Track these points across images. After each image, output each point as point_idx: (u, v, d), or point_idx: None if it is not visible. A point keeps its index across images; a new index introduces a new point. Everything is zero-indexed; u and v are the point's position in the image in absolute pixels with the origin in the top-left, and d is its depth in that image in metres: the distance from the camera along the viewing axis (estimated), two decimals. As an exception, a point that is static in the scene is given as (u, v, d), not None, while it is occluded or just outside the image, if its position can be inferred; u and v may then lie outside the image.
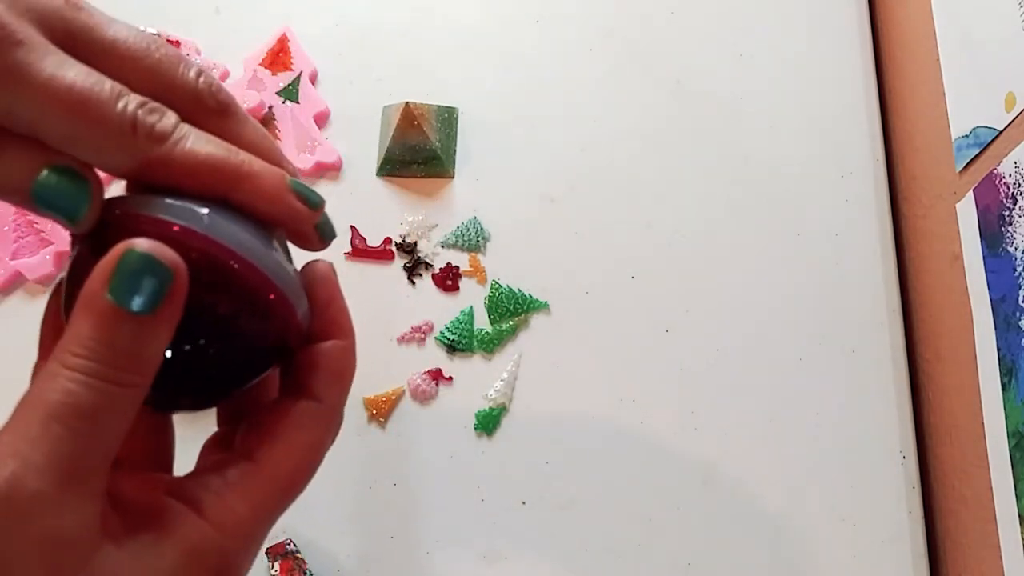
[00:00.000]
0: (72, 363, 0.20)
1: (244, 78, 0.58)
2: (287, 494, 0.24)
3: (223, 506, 0.23)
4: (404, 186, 0.57)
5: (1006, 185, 0.44)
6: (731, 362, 0.53)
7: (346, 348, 0.26)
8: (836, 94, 0.60)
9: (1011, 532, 0.43)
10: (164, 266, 0.21)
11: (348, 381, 0.26)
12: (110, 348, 0.20)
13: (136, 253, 0.21)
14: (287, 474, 0.24)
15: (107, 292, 0.21)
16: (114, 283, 0.21)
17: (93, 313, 0.21)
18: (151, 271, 0.21)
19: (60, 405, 0.20)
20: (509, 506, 0.51)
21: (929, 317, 0.54)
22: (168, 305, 0.21)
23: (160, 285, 0.21)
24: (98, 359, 0.20)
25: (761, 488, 0.51)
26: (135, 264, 0.21)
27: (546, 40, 0.61)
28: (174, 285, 0.21)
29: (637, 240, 0.56)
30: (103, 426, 0.20)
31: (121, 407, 0.21)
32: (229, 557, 0.23)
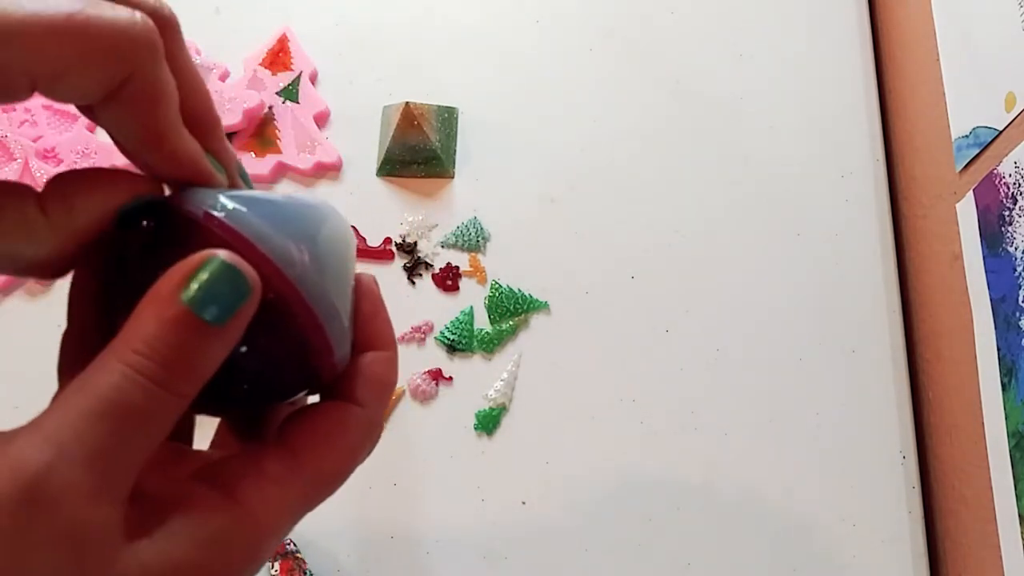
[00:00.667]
0: (132, 360, 0.20)
1: (244, 78, 0.58)
2: (322, 494, 0.24)
3: (259, 497, 0.22)
4: (404, 186, 0.57)
5: (1006, 185, 0.44)
6: (731, 362, 0.53)
7: (390, 359, 0.27)
8: (836, 94, 0.60)
9: (1011, 532, 0.43)
10: (245, 282, 0.21)
11: (390, 392, 0.26)
12: (173, 352, 0.20)
13: (221, 263, 0.21)
14: (327, 474, 0.24)
15: (182, 295, 0.20)
16: (193, 290, 0.20)
17: (163, 313, 0.20)
18: (232, 284, 0.21)
19: (110, 400, 0.19)
20: (509, 506, 0.51)
21: (929, 317, 0.54)
22: (237, 321, 0.21)
23: (236, 300, 0.21)
24: (160, 362, 0.20)
25: (761, 488, 0.51)
26: (218, 275, 0.20)
27: (546, 40, 0.61)
28: (248, 302, 0.21)
29: (637, 240, 0.56)
30: (147, 430, 0.20)
31: (167, 415, 0.20)
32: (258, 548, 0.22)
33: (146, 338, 0.20)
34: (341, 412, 0.25)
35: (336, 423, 0.24)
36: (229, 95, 0.57)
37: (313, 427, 0.24)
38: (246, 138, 0.57)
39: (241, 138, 0.57)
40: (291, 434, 0.24)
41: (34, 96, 0.20)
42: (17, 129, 0.57)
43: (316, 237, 0.24)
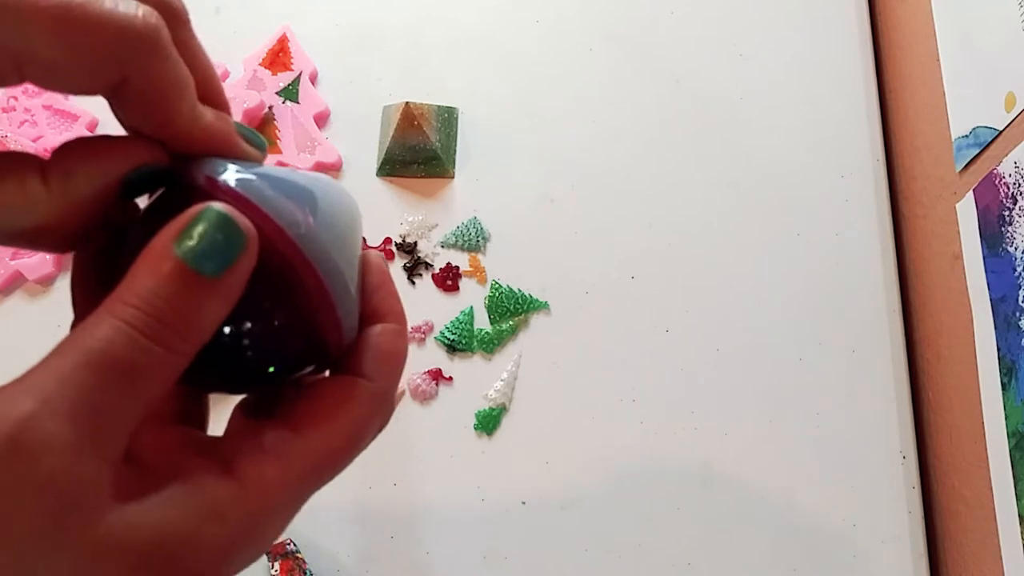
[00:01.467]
0: (122, 312, 0.19)
1: (244, 78, 0.58)
2: (326, 469, 0.23)
3: (255, 470, 0.21)
4: (404, 186, 0.57)
5: (1006, 185, 0.44)
6: (731, 362, 0.53)
7: (397, 331, 0.26)
8: (836, 94, 0.60)
9: (1011, 532, 0.43)
10: (241, 233, 0.20)
11: (399, 364, 0.25)
12: (168, 305, 0.19)
13: (215, 212, 0.20)
14: (329, 448, 0.23)
15: (176, 248, 0.20)
16: (186, 241, 0.20)
17: (157, 267, 0.20)
18: (227, 235, 0.20)
19: (99, 353, 0.19)
20: (509, 506, 0.51)
21: (929, 317, 0.54)
22: (234, 274, 0.20)
23: (232, 251, 0.20)
24: (152, 313, 0.19)
25: (761, 488, 0.51)
26: (212, 226, 0.20)
27: (546, 40, 0.61)
28: (244, 254, 0.20)
29: (637, 240, 0.56)
30: (138, 386, 0.19)
31: (161, 371, 0.20)
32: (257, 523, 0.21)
33: (139, 292, 0.19)
34: (345, 386, 0.24)
35: (340, 397, 0.24)
36: (229, 95, 0.56)
37: (316, 401, 0.23)
38: (246, 138, 0.57)
39: (241, 138, 0.57)
40: (294, 410, 0.23)
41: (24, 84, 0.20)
42: (17, 129, 0.57)
43: (320, 204, 0.24)
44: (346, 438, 0.23)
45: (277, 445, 0.22)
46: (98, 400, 0.19)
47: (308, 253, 0.22)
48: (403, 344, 0.26)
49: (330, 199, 0.25)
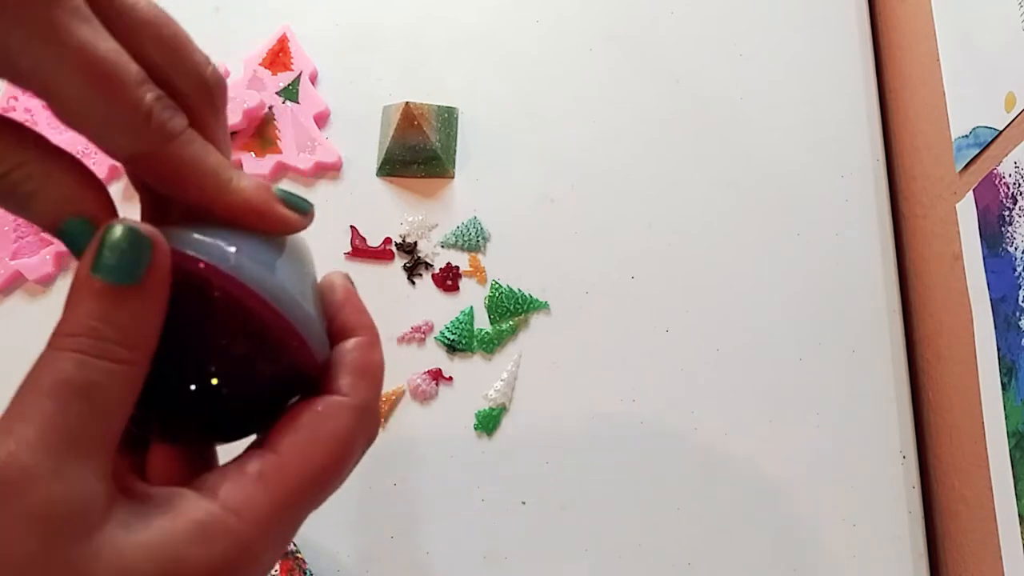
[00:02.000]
0: (64, 343, 0.21)
1: (244, 78, 0.58)
2: (313, 488, 0.23)
3: (241, 496, 0.22)
4: (404, 186, 0.57)
5: (1006, 185, 0.44)
6: (731, 362, 0.53)
7: (368, 343, 0.26)
8: (836, 94, 0.60)
9: (1011, 532, 0.43)
10: (144, 237, 0.21)
11: (374, 375, 0.26)
12: (102, 323, 0.21)
13: (115, 228, 0.21)
14: (312, 467, 0.23)
15: (93, 272, 0.21)
16: (98, 260, 0.21)
17: (81, 293, 0.21)
18: (132, 244, 0.21)
19: (52, 382, 0.20)
20: (509, 506, 0.51)
21: (929, 317, 0.54)
22: (152, 275, 0.21)
23: (142, 255, 0.21)
24: (88, 334, 0.21)
25: (761, 488, 0.51)
26: (117, 239, 0.21)
27: (546, 40, 0.61)
28: (155, 255, 0.21)
29: (637, 240, 0.56)
30: (98, 401, 0.20)
31: (117, 383, 0.21)
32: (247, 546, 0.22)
33: (74, 320, 0.21)
34: (322, 404, 0.24)
35: (317, 416, 0.24)
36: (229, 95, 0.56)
37: (294, 422, 0.24)
38: (246, 138, 0.57)
39: (241, 138, 0.57)
40: (274, 435, 0.24)
41: None
42: (17, 129, 0.57)
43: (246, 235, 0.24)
44: (329, 455, 0.24)
45: (260, 470, 0.23)
46: (64, 424, 0.20)
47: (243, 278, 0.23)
48: (375, 355, 0.26)
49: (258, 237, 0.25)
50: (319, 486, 0.24)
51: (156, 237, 0.22)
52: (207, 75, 0.24)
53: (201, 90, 0.24)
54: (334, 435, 0.24)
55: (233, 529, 0.21)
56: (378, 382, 0.26)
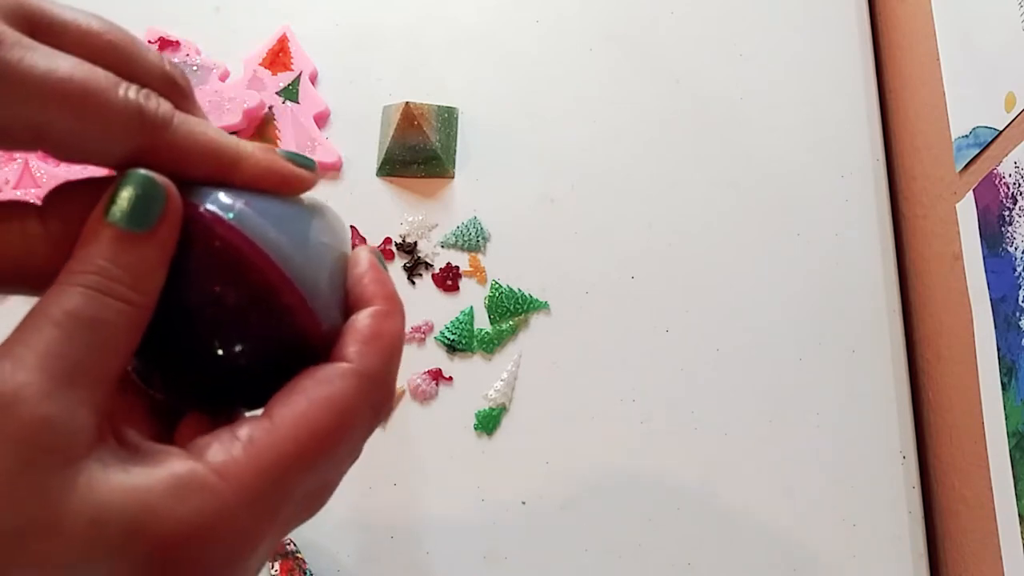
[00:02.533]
0: (72, 279, 0.21)
1: (244, 78, 0.58)
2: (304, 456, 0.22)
3: (225, 455, 0.21)
4: (404, 186, 0.57)
5: (1006, 185, 0.44)
6: (731, 362, 0.53)
7: (383, 312, 0.25)
8: (836, 94, 0.60)
9: (1011, 532, 0.43)
10: (158, 185, 0.22)
11: (386, 344, 0.25)
12: (113, 264, 0.21)
13: (132, 174, 0.22)
14: (303, 433, 0.22)
15: (107, 216, 0.21)
16: (113, 207, 0.22)
17: (94, 236, 0.21)
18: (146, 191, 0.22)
19: (57, 310, 0.20)
20: (509, 506, 0.51)
21: (929, 317, 0.54)
22: (164, 224, 0.22)
23: (155, 204, 0.22)
24: (98, 272, 0.21)
25: (761, 488, 0.51)
26: (132, 185, 0.22)
27: (546, 40, 0.61)
28: (168, 205, 0.22)
29: (637, 240, 0.56)
30: (100, 335, 0.21)
31: (122, 322, 0.21)
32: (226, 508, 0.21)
33: (86, 259, 0.21)
34: (322, 370, 0.24)
35: (314, 381, 0.23)
36: (229, 95, 0.57)
37: (290, 389, 0.23)
38: (246, 138, 0.57)
39: (241, 138, 0.57)
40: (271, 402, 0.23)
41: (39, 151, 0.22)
42: (17, 129, 0.57)
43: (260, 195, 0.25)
44: (326, 422, 0.23)
45: (249, 433, 0.22)
46: (65, 350, 0.20)
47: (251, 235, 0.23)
48: (391, 324, 0.25)
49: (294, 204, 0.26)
50: (312, 454, 0.22)
51: (170, 187, 0.22)
52: (167, 69, 0.24)
53: (168, 83, 0.24)
54: (330, 401, 0.23)
55: (212, 488, 0.21)
56: (390, 351, 0.25)
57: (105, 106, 0.21)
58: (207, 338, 0.23)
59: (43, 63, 0.20)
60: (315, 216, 0.26)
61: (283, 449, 0.22)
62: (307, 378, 0.23)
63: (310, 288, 0.24)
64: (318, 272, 0.25)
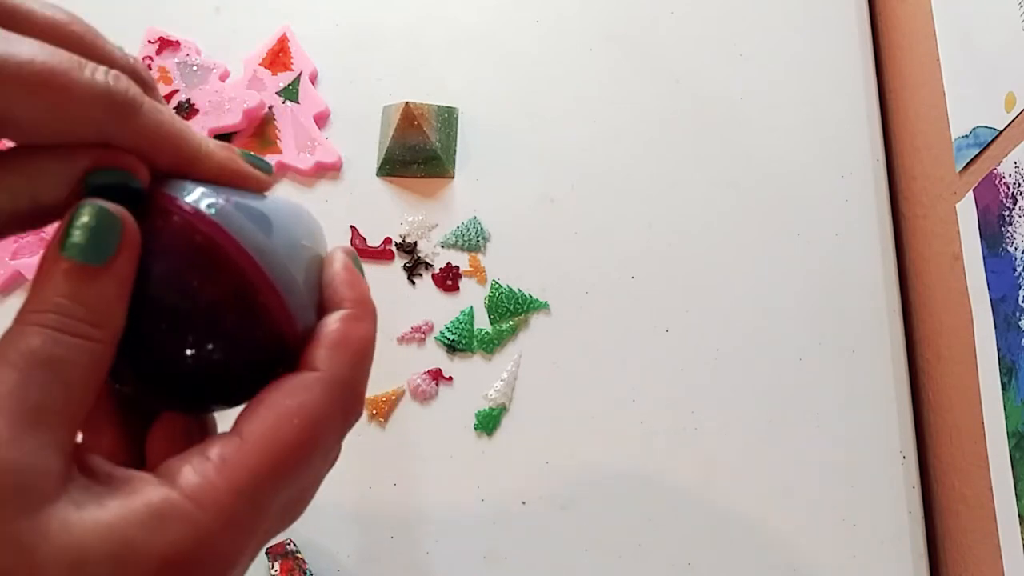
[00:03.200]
0: (32, 318, 0.20)
1: (244, 78, 0.58)
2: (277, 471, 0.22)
3: (199, 479, 0.21)
4: (404, 186, 0.57)
5: (1006, 185, 0.44)
6: (731, 362, 0.53)
7: (352, 316, 0.25)
8: (836, 94, 0.60)
9: (1011, 532, 0.43)
10: (112, 215, 0.21)
11: (354, 348, 0.24)
12: (70, 301, 0.21)
13: (86, 207, 0.21)
14: (275, 448, 0.22)
15: (62, 251, 0.21)
16: (66, 239, 0.21)
17: (49, 272, 0.21)
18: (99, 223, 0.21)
19: (15, 353, 0.20)
20: (509, 506, 0.51)
21: (929, 317, 0.54)
22: (121, 255, 0.21)
23: (108, 234, 0.21)
24: (55, 310, 0.20)
25: (761, 488, 0.51)
26: (83, 218, 0.21)
27: (546, 40, 0.61)
28: (125, 235, 0.21)
29: (637, 240, 0.56)
30: (61, 375, 0.20)
31: (81, 359, 0.21)
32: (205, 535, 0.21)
33: (42, 297, 0.21)
34: (289, 381, 0.23)
35: (282, 392, 0.23)
36: (229, 95, 0.57)
37: (258, 403, 0.23)
38: (246, 138, 0.57)
39: (241, 138, 0.57)
40: (240, 417, 0.23)
41: None
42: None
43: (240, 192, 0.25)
44: (296, 434, 0.22)
45: (220, 452, 0.22)
46: (24, 395, 0.19)
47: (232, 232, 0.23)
48: (360, 329, 0.25)
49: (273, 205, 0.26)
50: (285, 468, 0.22)
51: (125, 217, 0.21)
52: (131, 61, 0.24)
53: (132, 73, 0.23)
54: (300, 413, 0.22)
55: (190, 516, 0.20)
56: (359, 356, 0.24)
57: (69, 86, 0.20)
58: (182, 334, 0.23)
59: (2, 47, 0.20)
60: (293, 217, 0.26)
61: (256, 467, 0.21)
62: (275, 390, 0.23)
63: (288, 288, 0.24)
64: (296, 272, 0.25)
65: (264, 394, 0.23)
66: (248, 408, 0.23)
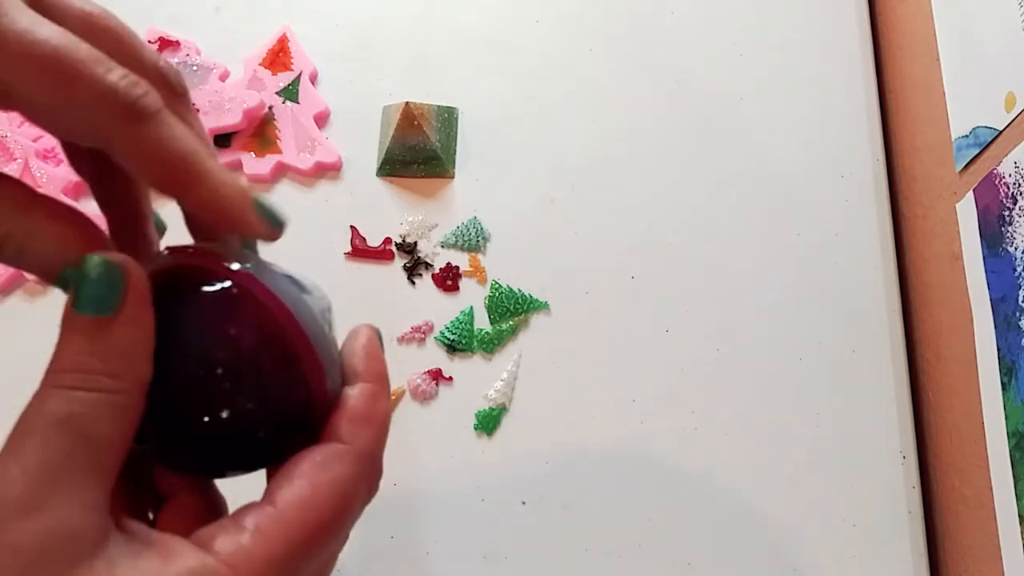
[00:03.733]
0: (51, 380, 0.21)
1: (244, 78, 0.58)
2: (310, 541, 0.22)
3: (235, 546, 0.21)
4: (404, 186, 0.57)
5: (1006, 185, 0.44)
6: (731, 362, 0.53)
7: (374, 391, 0.26)
8: (836, 94, 0.60)
9: (1011, 532, 0.43)
10: (113, 265, 0.21)
11: (379, 424, 0.25)
12: (84, 355, 0.21)
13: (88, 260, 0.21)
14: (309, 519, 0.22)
15: (74, 308, 0.21)
16: (77, 295, 0.21)
17: (67, 330, 0.21)
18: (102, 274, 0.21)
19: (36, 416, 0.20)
20: (509, 506, 0.51)
21: (929, 317, 0.54)
22: (130, 302, 0.21)
23: (114, 285, 0.21)
24: (71, 368, 0.21)
25: (761, 488, 0.51)
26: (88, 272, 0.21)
27: (546, 40, 0.61)
28: (130, 281, 0.21)
29: (637, 240, 0.56)
30: (85, 431, 0.20)
31: (104, 412, 0.21)
32: None
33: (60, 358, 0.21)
34: (320, 452, 0.24)
35: (316, 466, 0.23)
36: (229, 95, 0.57)
37: (292, 473, 0.23)
38: (246, 138, 0.57)
39: (241, 138, 0.57)
40: (272, 486, 0.23)
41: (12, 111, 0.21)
42: (17, 129, 0.57)
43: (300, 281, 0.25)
44: (328, 505, 0.23)
45: (256, 523, 0.22)
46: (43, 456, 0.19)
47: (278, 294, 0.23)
48: (381, 405, 0.26)
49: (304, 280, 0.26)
50: (318, 539, 0.23)
51: (127, 264, 0.21)
52: (162, 66, 0.23)
53: (161, 80, 0.23)
54: (332, 486, 0.23)
55: None
56: (382, 431, 0.26)
57: (77, 77, 0.20)
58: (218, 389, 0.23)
59: (23, 23, 0.20)
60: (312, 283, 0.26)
61: (291, 538, 0.22)
62: (308, 462, 0.23)
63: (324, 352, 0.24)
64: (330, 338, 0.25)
65: (297, 465, 0.23)
66: (281, 478, 0.23)
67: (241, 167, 0.57)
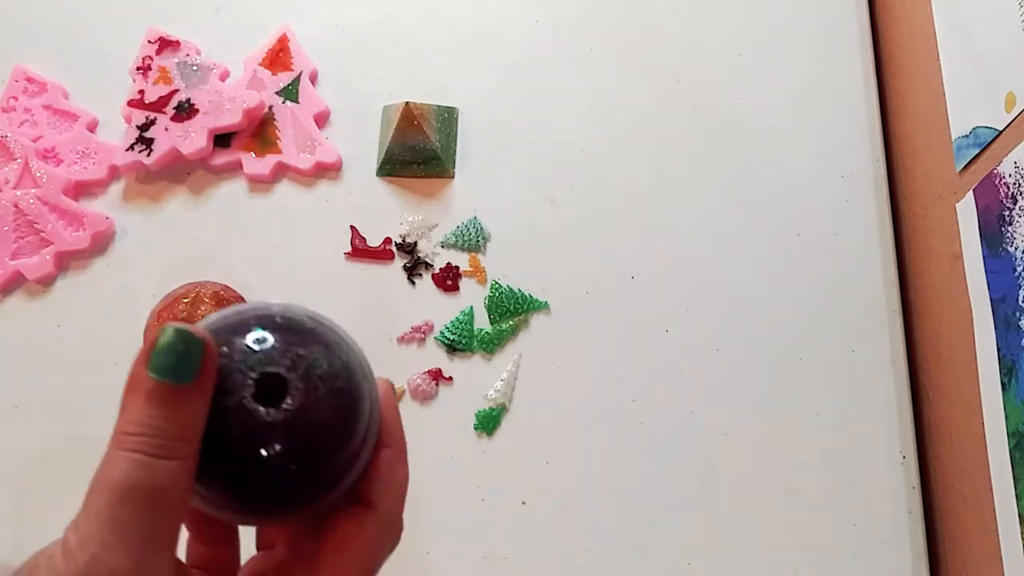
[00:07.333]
0: (126, 443, 0.22)
1: (244, 78, 0.58)
2: None
3: None
4: (404, 186, 0.57)
5: (1006, 185, 0.44)
6: (731, 362, 0.53)
7: (395, 455, 0.28)
8: (836, 94, 0.60)
9: (1011, 532, 0.43)
10: (196, 339, 0.22)
11: (401, 487, 0.28)
12: (161, 421, 0.22)
13: (170, 330, 0.23)
14: None
15: (149, 371, 0.22)
16: (153, 360, 0.22)
17: (139, 392, 0.22)
18: (186, 345, 0.22)
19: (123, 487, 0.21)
20: (509, 506, 0.51)
21: (929, 317, 0.54)
22: (205, 374, 0.23)
23: (195, 356, 0.22)
24: (150, 433, 0.22)
25: (761, 488, 0.51)
26: (172, 340, 0.22)
27: (546, 40, 0.61)
28: (206, 355, 0.23)
29: (637, 240, 0.56)
30: (165, 499, 0.22)
31: (178, 478, 0.22)
32: None
33: (134, 420, 0.22)
34: (355, 517, 0.26)
35: (350, 528, 0.26)
36: (229, 95, 0.57)
37: (328, 534, 0.26)
38: (246, 138, 0.57)
39: (241, 138, 0.57)
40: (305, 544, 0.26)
41: None
42: (17, 129, 0.57)
43: None
44: (359, 566, 0.26)
45: None
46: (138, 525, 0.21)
47: None
48: (403, 468, 0.29)
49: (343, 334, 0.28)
50: None
51: (207, 339, 0.23)
52: None
53: None
54: (364, 548, 0.26)
55: None
56: (403, 494, 0.29)
57: None
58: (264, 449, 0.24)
59: None
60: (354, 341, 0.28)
61: None
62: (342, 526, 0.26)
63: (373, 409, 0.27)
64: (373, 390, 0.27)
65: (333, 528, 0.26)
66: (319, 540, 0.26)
67: (241, 167, 0.57)
